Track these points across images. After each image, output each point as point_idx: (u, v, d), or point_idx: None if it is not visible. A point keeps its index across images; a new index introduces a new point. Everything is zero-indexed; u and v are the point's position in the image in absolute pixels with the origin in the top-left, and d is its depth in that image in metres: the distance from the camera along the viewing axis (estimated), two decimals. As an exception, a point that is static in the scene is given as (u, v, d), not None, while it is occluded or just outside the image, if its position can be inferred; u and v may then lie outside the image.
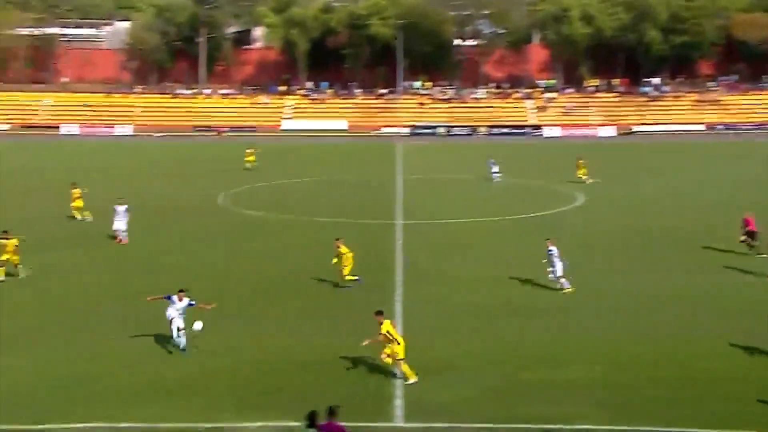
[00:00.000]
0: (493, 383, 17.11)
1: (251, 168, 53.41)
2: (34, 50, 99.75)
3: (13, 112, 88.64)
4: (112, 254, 29.58)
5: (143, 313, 21.22)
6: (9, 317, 21.73)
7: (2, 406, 15.88)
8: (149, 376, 17.52)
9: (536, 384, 17.05)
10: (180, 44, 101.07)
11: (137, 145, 74.10)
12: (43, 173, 51.93)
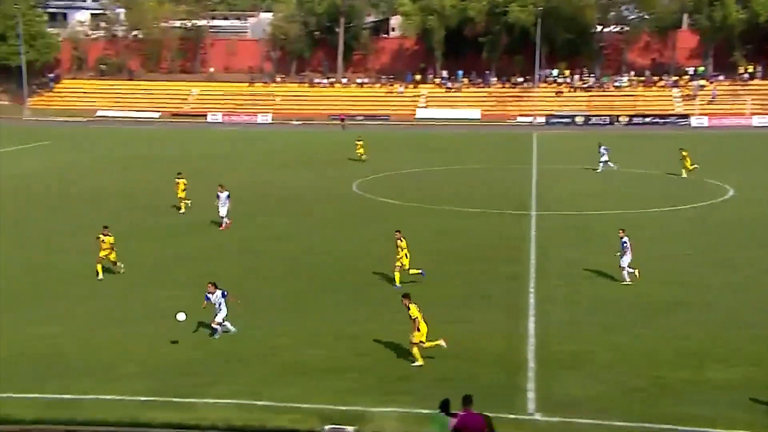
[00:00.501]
0: (629, 380, 16.79)
1: (361, 159, 52.50)
2: (184, 42, 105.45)
3: (163, 101, 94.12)
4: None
5: (279, 299, 22.25)
6: (166, 300, 23.35)
7: (163, 376, 17.19)
8: (287, 357, 18.39)
9: (675, 383, 16.59)
10: (319, 34, 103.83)
11: (276, 133, 76.99)
12: (189, 160, 55.02)
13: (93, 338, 19.55)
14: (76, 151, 58.17)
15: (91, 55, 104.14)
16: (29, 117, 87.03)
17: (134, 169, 49.76)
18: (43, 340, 19.27)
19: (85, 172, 48.51)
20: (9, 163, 51.29)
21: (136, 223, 33.41)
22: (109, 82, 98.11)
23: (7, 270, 25.82)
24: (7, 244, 29.45)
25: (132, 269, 25.92)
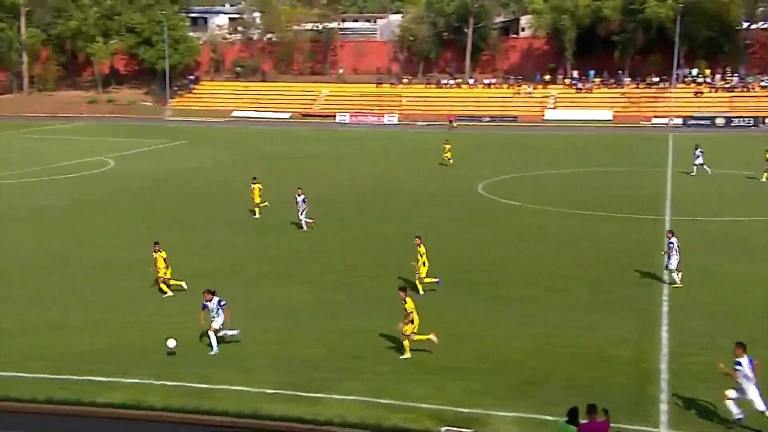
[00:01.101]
0: (772, 398, 15.69)
1: (449, 163, 51.02)
2: (315, 44, 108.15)
3: (294, 102, 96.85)
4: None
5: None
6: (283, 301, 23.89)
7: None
8: (411, 357, 18.38)
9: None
10: (447, 35, 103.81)
11: (401, 134, 77.54)
12: (316, 158, 56.27)
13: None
14: (212, 150, 60.79)
15: (228, 58, 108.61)
16: (170, 117, 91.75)
17: (266, 166, 51.38)
18: (182, 330, 20.16)
19: (221, 169, 50.58)
20: (151, 160, 54.21)
21: (267, 217, 34.44)
22: (243, 84, 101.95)
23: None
24: (147, 237, 31.05)
25: (264, 263, 26.75)
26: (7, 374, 17.05)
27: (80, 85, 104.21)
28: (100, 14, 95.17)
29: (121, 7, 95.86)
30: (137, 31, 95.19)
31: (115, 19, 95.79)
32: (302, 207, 31.94)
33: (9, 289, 23.66)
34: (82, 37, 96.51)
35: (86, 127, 79.33)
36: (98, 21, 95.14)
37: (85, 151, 57.83)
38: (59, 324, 20.48)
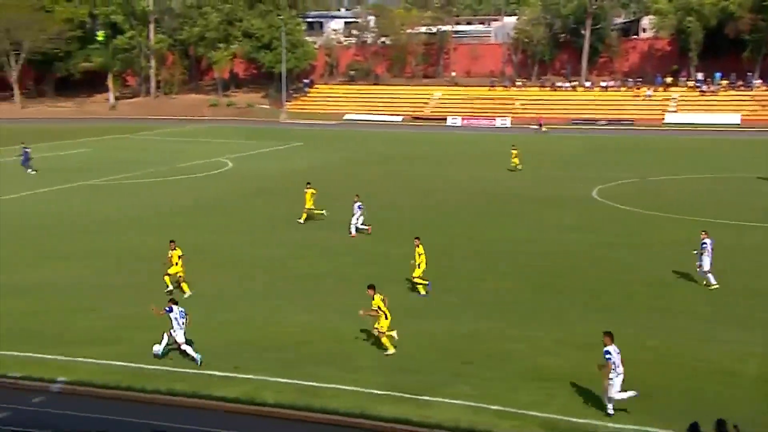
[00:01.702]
0: None
1: (517, 169, 49.72)
2: (428, 47, 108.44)
3: (405, 105, 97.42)
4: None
5: (513, 303, 21.94)
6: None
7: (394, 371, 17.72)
8: (522, 363, 18.12)
9: None
10: (563, 37, 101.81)
11: (513, 137, 76.56)
12: (426, 160, 56.28)
13: (338, 330, 20.60)
14: (326, 152, 62.02)
15: (343, 62, 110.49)
16: (285, 120, 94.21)
17: (376, 167, 51.92)
18: (295, 328, 20.64)
19: (334, 170, 51.52)
20: (267, 161, 55.81)
21: (378, 218, 34.77)
22: (356, 87, 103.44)
23: (270, 262, 28.02)
24: (266, 235, 31.98)
25: (377, 265, 27.05)
26: (133, 365, 17.93)
27: (202, 89, 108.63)
28: (221, 20, 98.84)
29: (241, 13, 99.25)
30: (256, 36, 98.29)
31: (236, 25, 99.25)
32: (358, 213, 31.92)
33: (156, 282, 24.83)
34: (204, 42, 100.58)
35: (207, 129, 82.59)
36: (219, 26, 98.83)
37: (206, 153, 60.19)
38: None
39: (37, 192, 41.87)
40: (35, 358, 18.19)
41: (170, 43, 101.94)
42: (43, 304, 22.42)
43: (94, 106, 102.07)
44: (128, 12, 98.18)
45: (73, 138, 69.43)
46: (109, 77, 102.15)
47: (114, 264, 27.14)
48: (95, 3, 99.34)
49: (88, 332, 20.05)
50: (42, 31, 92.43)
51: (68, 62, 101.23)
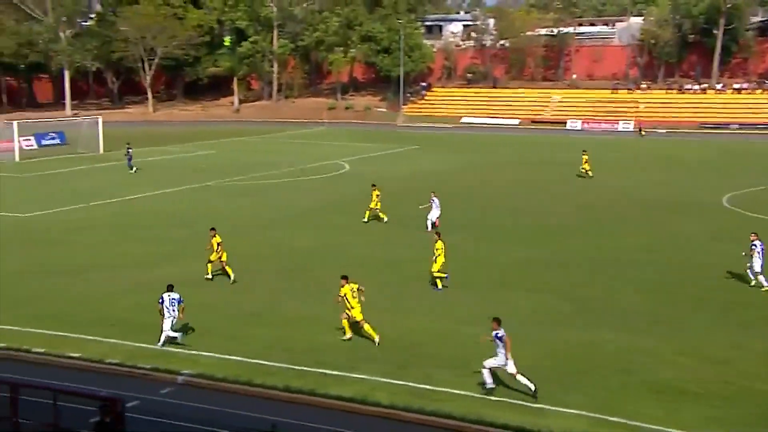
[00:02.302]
0: None
1: (588, 175, 48.32)
2: (548, 49, 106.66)
3: (524, 108, 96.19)
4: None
5: (637, 313, 21.26)
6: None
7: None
8: (645, 375, 17.57)
9: None
10: (692, 37, 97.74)
11: (636, 141, 74.08)
12: (543, 164, 55.35)
13: (453, 333, 20.64)
14: (442, 155, 62.10)
15: (460, 65, 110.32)
16: (402, 123, 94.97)
17: (494, 171, 51.56)
18: (409, 330, 20.82)
19: (450, 173, 51.55)
20: (383, 164, 56.43)
21: (495, 223, 34.55)
22: (474, 90, 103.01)
23: (385, 263, 28.39)
24: (391, 237, 32.40)
25: (493, 269, 26.89)
26: (252, 360, 18.57)
27: (322, 92, 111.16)
28: (341, 24, 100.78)
29: (362, 17, 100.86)
30: (375, 40, 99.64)
31: (356, 29, 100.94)
32: (435, 209, 33.22)
33: (279, 281, 25.72)
34: (324, 46, 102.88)
35: (326, 131, 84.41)
36: (339, 31, 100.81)
37: (324, 155, 61.53)
38: (300, 315, 21.95)
39: (166, 191, 44.00)
40: (163, 351, 19.14)
41: (292, 47, 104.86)
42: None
43: (220, 109, 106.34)
44: (253, 18, 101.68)
45: (199, 140, 72.59)
46: (234, 81, 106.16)
47: (236, 263, 28.17)
48: (223, 10, 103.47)
49: (210, 327, 20.91)
50: (174, 37, 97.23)
51: (197, 67, 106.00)
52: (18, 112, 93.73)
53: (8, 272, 26.13)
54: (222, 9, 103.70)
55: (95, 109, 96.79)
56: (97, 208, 38.29)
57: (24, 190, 44.19)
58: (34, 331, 20.40)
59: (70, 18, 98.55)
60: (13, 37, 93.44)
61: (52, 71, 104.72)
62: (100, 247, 30.25)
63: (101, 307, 22.51)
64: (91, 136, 62.07)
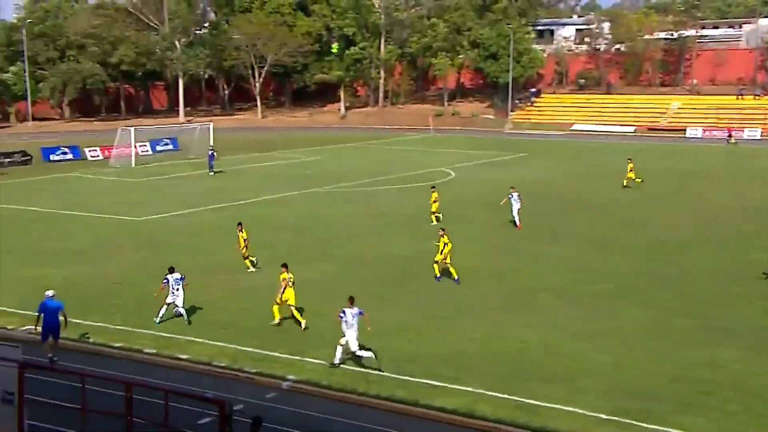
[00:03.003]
0: None
1: (631, 185, 46.73)
2: (667, 53, 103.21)
3: (639, 115, 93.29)
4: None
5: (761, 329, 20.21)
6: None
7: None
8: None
9: None
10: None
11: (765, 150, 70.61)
12: (658, 175, 53.49)
13: (560, 348, 20.26)
14: (551, 163, 61.06)
15: (572, 70, 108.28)
16: (510, 130, 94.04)
17: (606, 180, 50.26)
18: (515, 342, 20.55)
19: (559, 182, 50.63)
20: (489, 172, 55.98)
21: (605, 234, 33.67)
22: (586, 96, 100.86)
23: (490, 272, 28.16)
24: (495, 247, 32.13)
25: (605, 281, 26.22)
26: (356, 369, 18.75)
27: (428, 99, 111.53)
28: (449, 30, 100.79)
29: (470, 23, 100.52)
30: (484, 46, 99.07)
31: (464, 34, 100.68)
32: (516, 205, 35.28)
33: (382, 289, 26.00)
34: (431, 52, 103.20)
35: (432, 138, 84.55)
36: (447, 36, 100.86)
37: (429, 162, 61.62)
38: (405, 325, 22.03)
39: (273, 197, 45.11)
40: (270, 356, 19.58)
41: (399, 53, 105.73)
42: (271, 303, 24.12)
43: (326, 116, 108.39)
44: (361, 25, 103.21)
45: (306, 146, 74.17)
46: (341, 88, 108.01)
47: (342, 268, 28.57)
48: (331, 17, 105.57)
49: (316, 334, 21.25)
50: (284, 45, 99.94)
51: (305, 74, 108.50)
52: (135, 119, 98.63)
53: (124, 274, 27.41)
54: (330, 16, 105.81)
55: (207, 116, 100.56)
56: (206, 212, 39.68)
57: (138, 194, 46.31)
58: (146, 332, 21.30)
59: (186, 27, 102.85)
60: (132, 46, 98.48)
61: (167, 79, 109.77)
62: (207, 250, 31.30)
63: (208, 311, 23.28)
64: (202, 142, 64.48)
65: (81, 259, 29.01)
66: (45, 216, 38.11)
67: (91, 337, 20.88)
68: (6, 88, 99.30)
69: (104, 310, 23.09)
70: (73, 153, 64.05)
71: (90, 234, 34.47)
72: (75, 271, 27.52)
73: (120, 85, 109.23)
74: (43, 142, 71.24)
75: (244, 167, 59.25)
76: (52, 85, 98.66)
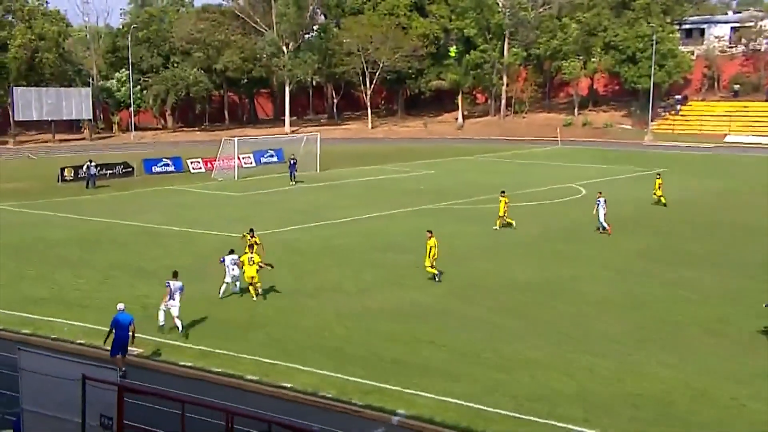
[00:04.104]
0: None
1: (661, 202, 46.97)
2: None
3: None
4: None
5: None
6: None
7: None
8: None
9: None
10: None
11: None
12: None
13: (711, 391, 19.65)
14: (697, 179, 59.14)
15: (725, 74, 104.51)
16: (650, 141, 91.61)
17: (763, 200, 48.21)
18: (655, 384, 19.98)
19: (706, 200, 48.94)
20: (624, 189, 54.66)
21: (759, 260, 32.27)
22: (742, 104, 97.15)
23: (627, 301, 27.52)
24: (629, 273, 31.40)
25: (755, 317, 25.16)
26: (472, 405, 18.69)
27: (555, 107, 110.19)
28: (581, 30, 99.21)
29: (606, 22, 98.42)
30: (620, 48, 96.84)
31: (599, 35, 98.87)
32: (602, 210, 38.08)
33: (502, 317, 25.92)
34: (560, 55, 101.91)
35: (559, 151, 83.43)
36: (580, 38, 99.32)
37: (556, 177, 60.80)
38: (528, 359, 21.79)
39: (381, 214, 45.58)
40: (379, 388, 19.76)
41: (524, 57, 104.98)
42: (384, 328, 24.34)
43: (442, 126, 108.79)
44: (483, 25, 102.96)
45: (419, 159, 74.65)
46: (459, 95, 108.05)
47: (457, 293, 28.55)
48: (450, 17, 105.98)
49: (426, 365, 21.31)
50: (398, 48, 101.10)
51: (419, 80, 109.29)
52: (238, 129, 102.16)
53: (230, 296, 28.36)
54: (449, 17, 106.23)
55: (313, 125, 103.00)
56: (309, 230, 40.51)
57: (241, 209, 47.80)
58: (247, 357, 21.90)
59: (294, 31, 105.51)
60: (237, 51, 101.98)
61: (273, 86, 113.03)
62: (312, 270, 31.93)
63: (313, 336, 23.73)
64: (308, 154, 66.00)
65: (182, 277, 30.11)
66: (146, 231, 39.93)
67: (191, 362, 21.65)
68: (110, 96, 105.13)
69: (204, 332, 23.93)
70: (175, 165, 66.88)
71: (191, 250, 35.84)
72: (175, 290, 28.64)
73: (224, 93, 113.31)
74: (145, 153, 74.78)
75: (351, 181, 60.22)
76: (155, 92, 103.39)
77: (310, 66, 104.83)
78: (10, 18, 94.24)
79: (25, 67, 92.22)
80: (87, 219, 43.93)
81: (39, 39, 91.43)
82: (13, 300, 27.18)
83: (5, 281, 30.01)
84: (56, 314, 25.22)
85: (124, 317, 20.75)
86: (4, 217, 43.87)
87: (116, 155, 73.61)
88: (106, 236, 37.42)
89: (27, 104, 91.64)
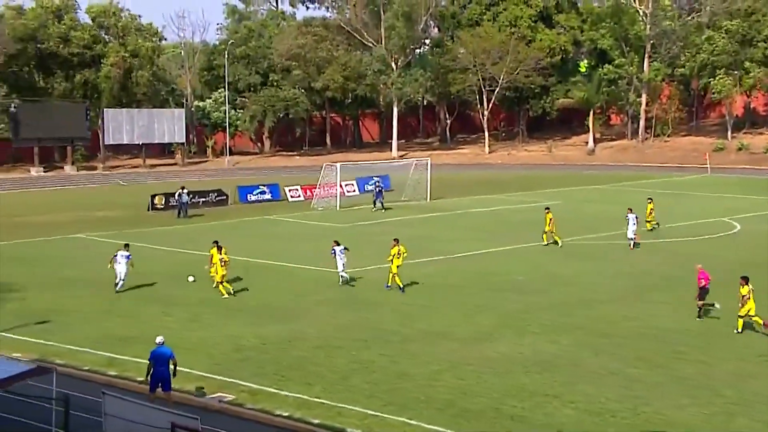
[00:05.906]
0: None
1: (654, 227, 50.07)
2: None
3: None
4: None
5: None
6: None
7: None
8: None
9: None
10: None
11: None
12: None
13: None
14: None
15: None
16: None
17: None
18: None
19: None
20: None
21: None
22: None
23: None
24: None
25: None
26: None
27: (704, 130, 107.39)
28: (731, 40, 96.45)
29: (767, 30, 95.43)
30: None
31: (759, 46, 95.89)
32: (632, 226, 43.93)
33: (637, 369, 25.37)
34: (708, 71, 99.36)
35: (709, 180, 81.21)
36: (730, 51, 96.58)
37: (704, 210, 59.16)
38: (666, 420, 21.17)
39: (498, 249, 45.31)
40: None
41: (667, 73, 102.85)
42: (503, 380, 24.07)
43: (569, 150, 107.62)
44: (619, 37, 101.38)
45: (542, 188, 73.91)
46: (590, 116, 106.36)
47: (584, 341, 28.03)
48: (581, 28, 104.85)
49: (551, 422, 20.96)
50: (519, 63, 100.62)
51: (545, 99, 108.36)
52: (341, 153, 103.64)
53: (325, 337, 28.62)
54: (580, 27, 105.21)
55: (423, 150, 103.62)
56: (417, 266, 40.32)
57: (342, 242, 48.25)
58: (350, 408, 21.93)
59: (404, 45, 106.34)
60: (339, 68, 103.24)
61: (379, 107, 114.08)
62: (420, 312, 31.91)
63: (422, 386, 23.62)
64: (418, 182, 66.24)
65: (278, 316, 30.59)
66: (239, 264, 40.74)
67: (289, 411, 21.84)
68: (205, 117, 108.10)
69: (302, 378, 24.17)
70: (272, 192, 68.31)
71: (288, 287, 36.41)
72: (271, 331, 29.08)
73: (326, 114, 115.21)
74: (240, 179, 76.67)
75: (465, 212, 60.11)
76: (252, 113, 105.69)
77: (421, 84, 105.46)
78: (103, 34, 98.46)
79: (117, 86, 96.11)
80: (177, 251, 45.29)
81: (132, 56, 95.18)
82: (97, 338, 28.19)
83: (90, 317, 31.18)
84: (143, 354, 25.99)
85: (163, 351, 21.29)
86: (92, 248, 45.68)
87: (210, 182, 75.82)
88: (198, 269, 38.43)
89: (118, 127, 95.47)
